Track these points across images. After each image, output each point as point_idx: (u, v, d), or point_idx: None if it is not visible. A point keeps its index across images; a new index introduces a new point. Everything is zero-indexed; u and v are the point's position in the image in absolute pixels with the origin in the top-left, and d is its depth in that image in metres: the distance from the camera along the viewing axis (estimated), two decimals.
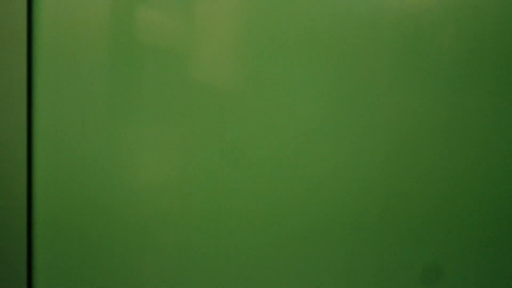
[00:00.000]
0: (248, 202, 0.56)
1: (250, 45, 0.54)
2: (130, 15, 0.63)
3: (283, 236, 0.54)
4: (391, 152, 0.47)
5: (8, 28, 0.69)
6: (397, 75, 0.47)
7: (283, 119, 0.53)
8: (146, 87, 0.63)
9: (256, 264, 0.56)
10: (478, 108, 0.43)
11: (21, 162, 0.72)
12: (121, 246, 0.66)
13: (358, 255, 0.50)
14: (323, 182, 0.51)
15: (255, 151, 0.55)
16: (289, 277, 0.54)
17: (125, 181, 0.65)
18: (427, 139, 0.46)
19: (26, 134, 0.71)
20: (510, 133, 0.42)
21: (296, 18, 0.51)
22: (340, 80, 0.49)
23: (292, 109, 0.52)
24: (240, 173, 0.56)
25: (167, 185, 0.62)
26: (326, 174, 0.51)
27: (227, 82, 0.57)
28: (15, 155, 0.72)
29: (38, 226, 0.72)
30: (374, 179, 0.48)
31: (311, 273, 0.53)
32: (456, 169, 0.45)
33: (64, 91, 0.69)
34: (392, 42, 0.47)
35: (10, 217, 0.74)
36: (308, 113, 0.51)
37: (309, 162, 0.52)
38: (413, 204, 0.47)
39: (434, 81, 0.45)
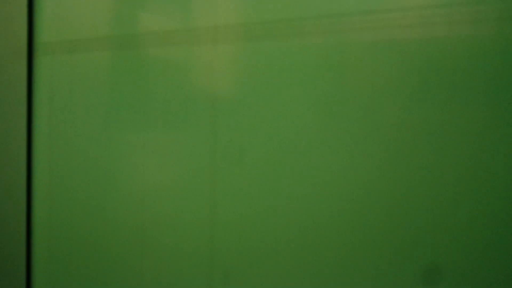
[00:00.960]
0: (247, 206, 0.56)
1: (251, 51, 0.55)
2: (130, 19, 0.63)
3: (282, 240, 0.54)
4: (389, 158, 0.48)
5: (9, 31, 0.69)
6: (398, 82, 0.47)
7: (283, 125, 0.53)
8: (145, 92, 0.63)
9: (255, 266, 0.56)
10: (477, 113, 0.44)
11: (21, 166, 0.72)
12: (119, 247, 0.66)
13: (357, 257, 0.50)
14: (321, 187, 0.51)
15: (254, 156, 0.55)
16: (288, 279, 0.54)
17: (124, 184, 0.65)
18: (426, 145, 0.46)
19: (26, 138, 0.71)
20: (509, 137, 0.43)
21: (296, 25, 0.52)
22: (338, 86, 0.50)
23: (292, 116, 0.53)
24: (239, 177, 0.56)
25: (165, 189, 0.62)
26: (324, 179, 0.51)
27: (226, 89, 0.57)
28: (16, 158, 0.72)
29: (37, 229, 0.72)
30: (372, 182, 0.49)
31: (308, 276, 0.53)
32: (455, 174, 0.45)
33: (63, 96, 0.69)
34: (391, 50, 0.47)
35: (10, 219, 0.73)
36: (308, 119, 0.52)
37: (307, 167, 0.52)
38: (413, 208, 0.47)
39: (433, 88, 0.46)
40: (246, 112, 0.55)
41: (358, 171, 0.49)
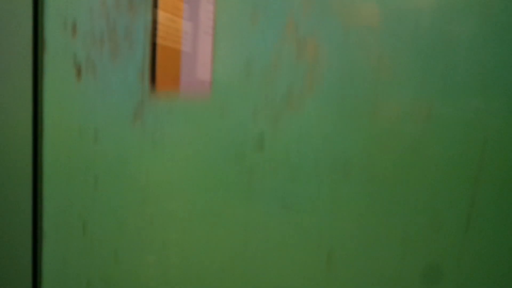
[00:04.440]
0: (252, 204, 0.56)
1: (255, 43, 0.54)
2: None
3: (286, 238, 0.54)
4: (397, 156, 0.47)
5: (14, 29, 0.69)
6: (404, 81, 0.46)
7: (289, 121, 0.52)
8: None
9: (260, 264, 0.55)
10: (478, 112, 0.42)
11: (27, 161, 0.72)
12: (127, 246, 0.66)
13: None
14: (326, 185, 0.51)
15: (259, 153, 0.55)
16: (293, 277, 0.54)
17: (132, 180, 0.65)
18: (430, 144, 0.45)
19: (31, 134, 0.71)
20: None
21: (299, 22, 0.51)
22: (344, 85, 0.49)
23: (297, 112, 0.52)
24: (246, 174, 0.56)
25: (175, 185, 0.62)
26: (331, 178, 0.50)
27: (233, 82, 0.56)
28: (21, 154, 0.73)
29: (45, 224, 0.72)
30: (380, 178, 0.48)
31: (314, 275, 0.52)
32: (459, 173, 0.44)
33: (70, 89, 0.69)
34: (397, 48, 0.46)
35: (16, 216, 0.74)
36: (313, 115, 0.51)
37: (313, 163, 0.51)
38: (418, 210, 0.46)
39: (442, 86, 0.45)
40: (248, 109, 0.55)
41: (363, 171, 0.48)
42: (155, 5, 0.50)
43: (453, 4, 0.44)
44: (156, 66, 0.53)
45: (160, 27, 0.50)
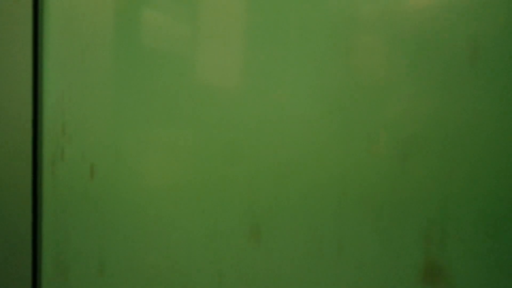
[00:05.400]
0: (252, 203, 0.56)
1: (255, 46, 0.54)
2: (136, 16, 0.63)
3: (287, 237, 0.54)
4: (395, 155, 0.47)
5: (14, 26, 0.69)
6: (404, 76, 0.46)
7: (289, 121, 0.52)
8: (151, 88, 0.63)
9: (260, 264, 0.56)
10: (479, 111, 0.43)
11: (27, 162, 0.72)
12: (126, 246, 0.66)
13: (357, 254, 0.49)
14: (326, 183, 0.51)
15: (260, 153, 0.55)
16: (294, 276, 0.54)
17: (131, 181, 0.65)
18: (431, 141, 0.45)
19: (31, 134, 0.71)
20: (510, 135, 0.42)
21: (300, 18, 0.51)
22: (345, 80, 0.49)
23: (298, 112, 0.52)
24: (245, 174, 0.56)
25: (174, 187, 0.62)
26: (329, 176, 0.51)
27: (233, 84, 0.57)
28: (21, 153, 0.73)
29: (44, 226, 0.72)
30: (377, 179, 0.48)
31: (312, 273, 0.52)
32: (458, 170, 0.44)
33: (70, 90, 0.69)
34: (398, 43, 0.46)
35: (16, 215, 0.74)
36: (313, 114, 0.51)
37: (312, 163, 0.51)
38: (416, 206, 0.46)
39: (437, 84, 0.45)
40: (255, 109, 0.55)
41: (364, 169, 0.48)
42: None
43: (453, 5, 0.44)
44: None
45: None
